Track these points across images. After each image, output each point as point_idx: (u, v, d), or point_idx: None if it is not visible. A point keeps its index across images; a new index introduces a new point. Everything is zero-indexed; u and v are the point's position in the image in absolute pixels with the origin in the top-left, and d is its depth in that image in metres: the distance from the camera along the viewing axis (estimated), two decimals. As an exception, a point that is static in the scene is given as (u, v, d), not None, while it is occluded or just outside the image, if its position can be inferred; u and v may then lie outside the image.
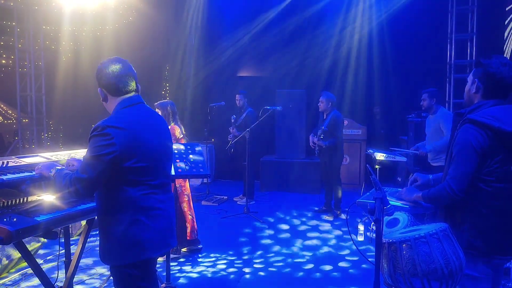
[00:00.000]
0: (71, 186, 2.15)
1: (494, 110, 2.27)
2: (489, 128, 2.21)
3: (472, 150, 2.23)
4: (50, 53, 9.64)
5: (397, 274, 2.20)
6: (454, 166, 2.28)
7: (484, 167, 2.25)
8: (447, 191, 2.27)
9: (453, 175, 2.27)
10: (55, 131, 10.21)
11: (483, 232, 2.27)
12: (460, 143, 2.28)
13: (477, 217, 2.28)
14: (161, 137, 2.36)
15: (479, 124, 2.23)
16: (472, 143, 2.22)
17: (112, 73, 2.28)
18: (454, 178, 2.26)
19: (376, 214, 2.14)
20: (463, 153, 2.25)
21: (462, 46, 8.43)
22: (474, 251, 2.28)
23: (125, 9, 9.17)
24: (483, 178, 2.26)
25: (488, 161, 2.24)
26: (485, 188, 2.26)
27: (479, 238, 2.27)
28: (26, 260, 2.67)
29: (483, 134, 2.21)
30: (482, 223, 2.28)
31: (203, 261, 4.82)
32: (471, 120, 2.26)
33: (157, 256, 2.37)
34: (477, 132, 2.22)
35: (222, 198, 7.75)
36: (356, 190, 8.22)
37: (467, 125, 2.28)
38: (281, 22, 9.14)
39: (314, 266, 4.71)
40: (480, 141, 2.21)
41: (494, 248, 2.28)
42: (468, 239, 2.29)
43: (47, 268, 4.44)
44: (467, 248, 2.28)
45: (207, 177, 3.77)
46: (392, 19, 8.58)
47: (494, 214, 2.27)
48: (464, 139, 2.26)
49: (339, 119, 6.36)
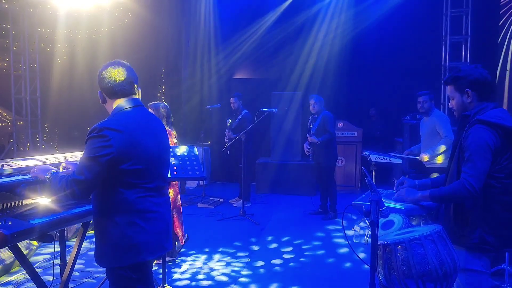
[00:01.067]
0: (68, 188, 2.14)
1: (497, 112, 2.42)
2: (500, 128, 2.34)
3: (487, 149, 2.34)
4: (45, 56, 9.62)
5: (392, 276, 2.21)
6: (472, 165, 2.35)
7: (495, 165, 2.36)
8: (468, 188, 2.32)
9: (472, 173, 2.34)
10: (50, 134, 10.17)
11: (495, 228, 2.37)
12: (475, 142, 2.37)
13: (489, 213, 2.38)
14: (158, 140, 2.36)
15: (490, 124, 2.35)
16: (487, 141, 2.34)
17: (110, 76, 2.30)
18: (473, 176, 2.33)
19: (372, 216, 2.15)
20: (480, 151, 2.35)
21: (457, 49, 8.49)
22: (487, 246, 2.38)
23: (121, 12, 9.16)
24: (494, 175, 2.37)
25: (499, 159, 2.36)
26: (496, 184, 2.37)
27: (491, 233, 2.37)
28: (21, 263, 2.67)
29: (495, 133, 2.34)
30: (494, 219, 2.38)
31: (199, 263, 4.81)
32: (481, 121, 2.38)
33: (152, 259, 2.36)
34: (489, 132, 2.35)
35: (218, 200, 7.75)
36: (352, 192, 8.24)
37: (478, 125, 2.38)
38: (277, 24, 9.17)
39: (311, 267, 4.71)
40: (494, 140, 2.34)
41: (506, 242, 2.39)
42: (481, 234, 2.37)
43: (42, 271, 4.42)
44: (479, 243, 2.37)
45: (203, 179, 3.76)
46: (386, 21, 8.62)
47: (504, 209, 2.38)
48: (478, 138, 2.36)
49: (331, 117, 6.49)
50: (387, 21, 8.62)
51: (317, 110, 6.51)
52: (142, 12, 8.94)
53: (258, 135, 7.74)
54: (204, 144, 8.59)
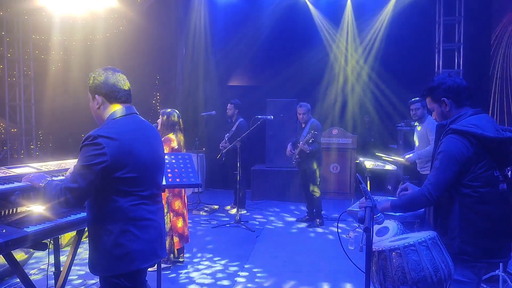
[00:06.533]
0: (62, 195, 2.14)
1: (474, 119, 2.39)
2: (473, 136, 2.31)
3: (453, 159, 2.32)
4: (40, 63, 9.60)
5: (387, 283, 2.22)
6: (435, 173, 2.36)
7: (468, 174, 2.33)
8: (426, 196, 2.33)
9: (433, 181, 2.35)
10: (44, 141, 10.12)
11: (473, 237, 2.33)
12: (443, 152, 2.36)
13: (466, 222, 2.34)
14: (153, 148, 2.36)
15: (462, 133, 2.33)
16: (454, 154, 2.31)
17: (107, 80, 2.29)
18: (433, 184, 2.34)
19: (366, 222, 2.16)
20: (444, 162, 2.34)
21: (450, 56, 8.57)
22: (466, 257, 2.34)
23: (115, 19, 9.17)
24: (468, 184, 2.34)
25: (472, 168, 2.32)
26: (472, 194, 2.33)
27: (470, 243, 2.33)
28: (15, 271, 2.65)
29: (467, 143, 2.31)
30: (472, 229, 2.34)
31: (194, 270, 4.79)
32: (454, 130, 2.36)
33: (146, 267, 2.36)
34: (460, 142, 2.32)
35: (213, 207, 7.73)
36: (347, 198, 8.26)
37: (451, 135, 2.37)
38: (272, 32, 9.20)
39: (305, 274, 4.70)
40: (463, 151, 2.31)
41: (484, 252, 2.34)
42: (460, 245, 2.34)
43: (37, 279, 4.39)
44: (459, 254, 2.34)
45: (198, 186, 3.75)
46: (380, 29, 8.70)
47: (482, 219, 2.33)
48: (447, 148, 2.35)
49: (319, 126, 6.55)
50: (381, 28, 8.69)
51: (305, 119, 6.56)
52: (137, 19, 8.95)
53: (253, 142, 7.74)
54: (199, 151, 8.58)
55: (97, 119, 2.36)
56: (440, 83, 2.50)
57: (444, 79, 2.50)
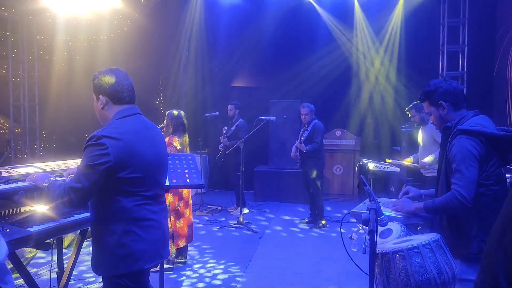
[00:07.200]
0: (65, 195, 2.14)
1: (479, 120, 2.42)
2: (482, 135, 2.33)
3: (473, 158, 2.33)
4: (44, 63, 9.62)
5: (390, 285, 2.21)
6: (460, 176, 2.33)
7: (482, 172, 2.35)
8: (460, 200, 2.30)
9: (462, 184, 2.31)
10: (48, 141, 10.15)
11: None
12: (460, 153, 2.35)
13: (483, 221, 2.34)
14: (156, 149, 2.36)
15: (471, 133, 2.34)
16: (471, 151, 2.33)
17: (111, 81, 2.30)
18: (463, 187, 2.31)
19: (370, 224, 2.15)
20: (466, 161, 2.33)
21: (454, 58, 8.55)
22: None
23: (120, 20, 9.19)
24: (483, 183, 2.35)
25: (485, 166, 2.35)
26: (486, 192, 2.36)
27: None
28: (18, 271, 2.65)
29: (478, 141, 2.33)
30: (489, 227, 2.32)
31: (197, 271, 4.79)
32: (462, 131, 2.36)
33: (149, 267, 2.35)
34: (472, 140, 2.33)
35: (215, 208, 7.73)
36: (350, 200, 8.24)
37: (460, 136, 2.37)
38: (275, 33, 9.19)
39: (308, 276, 4.70)
40: (478, 148, 2.33)
41: None
42: (479, 244, 2.34)
43: (40, 279, 4.39)
44: (478, 253, 2.31)
45: (201, 187, 3.75)
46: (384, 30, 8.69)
47: (496, 216, 2.32)
48: (462, 148, 2.35)
49: (319, 127, 6.53)
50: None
51: (308, 120, 6.55)
52: (141, 20, 8.97)
53: (256, 143, 7.74)
54: (202, 152, 8.58)
55: (101, 120, 2.37)
56: (437, 87, 2.54)
57: (440, 83, 2.55)
